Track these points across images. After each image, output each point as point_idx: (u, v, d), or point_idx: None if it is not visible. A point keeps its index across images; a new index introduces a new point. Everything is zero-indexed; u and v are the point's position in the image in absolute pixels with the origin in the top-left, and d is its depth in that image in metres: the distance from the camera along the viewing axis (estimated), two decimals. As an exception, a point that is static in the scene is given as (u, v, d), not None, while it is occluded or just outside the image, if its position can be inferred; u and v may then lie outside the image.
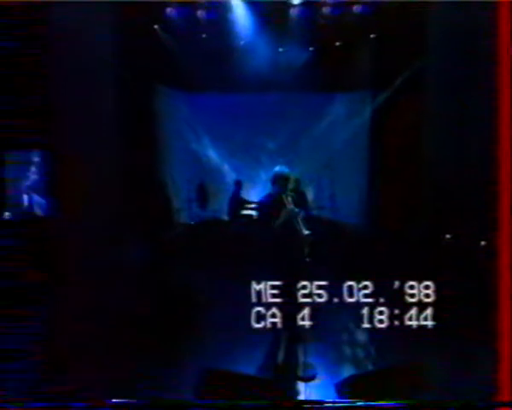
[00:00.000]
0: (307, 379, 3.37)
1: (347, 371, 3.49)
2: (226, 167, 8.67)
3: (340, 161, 7.81)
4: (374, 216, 7.33)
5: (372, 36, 7.88)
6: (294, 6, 6.95)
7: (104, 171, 4.92)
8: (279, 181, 3.60)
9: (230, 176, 8.53)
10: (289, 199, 3.55)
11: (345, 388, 2.81)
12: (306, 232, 3.38)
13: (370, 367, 3.66)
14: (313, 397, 3.14)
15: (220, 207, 7.77)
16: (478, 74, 5.07)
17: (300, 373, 3.39)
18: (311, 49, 8.25)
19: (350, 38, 7.92)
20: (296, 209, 3.50)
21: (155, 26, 7.45)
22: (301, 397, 3.17)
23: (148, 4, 6.60)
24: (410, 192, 6.07)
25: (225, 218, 7.39)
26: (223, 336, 4.10)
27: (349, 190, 7.59)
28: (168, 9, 6.85)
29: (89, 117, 4.54)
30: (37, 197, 3.59)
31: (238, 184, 7.49)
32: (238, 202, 7.20)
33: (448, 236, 4.33)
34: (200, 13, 6.97)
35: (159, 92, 7.98)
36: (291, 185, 3.68)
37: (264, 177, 8.84)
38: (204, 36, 7.68)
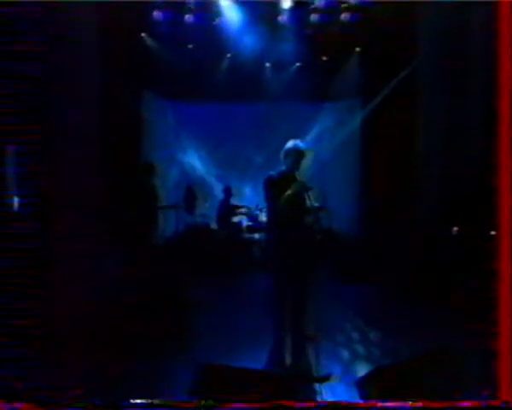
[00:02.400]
0: (321, 380, 3.01)
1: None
2: (212, 177, 8.51)
3: (329, 169, 7.74)
4: (364, 224, 7.24)
5: (357, 49, 8.03)
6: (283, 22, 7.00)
7: (89, 173, 4.75)
8: (292, 155, 3.21)
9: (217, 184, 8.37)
10: (302, 176, 3.18)
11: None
12: (316, 205, 3.12)
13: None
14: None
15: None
16: (474, 80, 5.19)
17: (314, 373, 3.05)
18: (298, 64, 8.38)
19: (335, 53, 8.08)
20: (308, 184, 3.12)
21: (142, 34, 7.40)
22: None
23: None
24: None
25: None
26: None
27: (339, 198, 7.49)
28: (157, 20, 6.78)
29: (74, 120, 4.41)
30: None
31: (227, 191, 7.29)
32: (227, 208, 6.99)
33: (455, 228, 4.23)
34: (187, 24, 6.93)
35: (148, 100, 7.84)
36: (304, 162, 3.23)
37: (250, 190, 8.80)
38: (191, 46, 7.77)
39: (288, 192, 3.10)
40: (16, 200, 3.34)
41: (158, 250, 5.38)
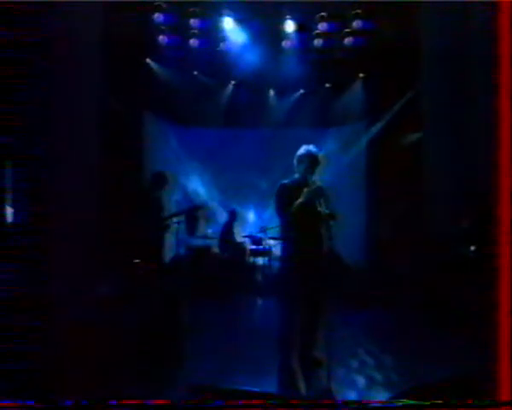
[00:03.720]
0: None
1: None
2: (215, 202, 8.39)
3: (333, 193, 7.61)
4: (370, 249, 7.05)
5: (361, 75, 8.07)
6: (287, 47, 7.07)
7: (88, 195, 4.65)
8: (304, 162, 3.03)
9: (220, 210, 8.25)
10: (315, 181, 2.99)
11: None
12: (327, 212, 2.94)
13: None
14: None
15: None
16: (479, 101, 5.15)
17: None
18: (302, 88, 8.43)
19: (338, 80, 8.13)
20: (318, 190, 2.95)
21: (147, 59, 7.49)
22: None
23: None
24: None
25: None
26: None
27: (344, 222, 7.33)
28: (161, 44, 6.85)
29: (75, 143, 4.38)
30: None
31: (232, 214, 7.19)
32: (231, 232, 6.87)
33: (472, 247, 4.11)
34: (192, 49, 7.00)
35: (152, 124, 7.85)
36: (319, 167, 3.03)
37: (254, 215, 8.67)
38: (195, 71, 7.88)
39: (300, 200, 2.94)
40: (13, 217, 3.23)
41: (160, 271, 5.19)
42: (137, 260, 5.03)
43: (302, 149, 3.11)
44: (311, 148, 3.10)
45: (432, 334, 4.27)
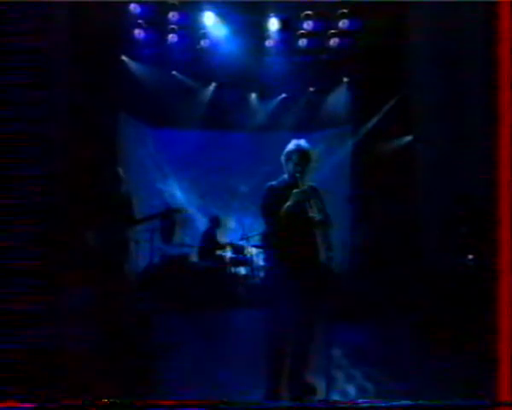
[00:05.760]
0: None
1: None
2: (194, 208, 7.97)
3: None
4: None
5: (345, 79, 7.84)
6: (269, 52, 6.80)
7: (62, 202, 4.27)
8: (293, 159, 2.70)
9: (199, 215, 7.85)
10: (304, 180, 2.67)
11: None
12: (318, 217, 2.59)
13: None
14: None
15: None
16: (469, 106, 5.01)
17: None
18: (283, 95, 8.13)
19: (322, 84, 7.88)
20: (309, 191, 2.63)
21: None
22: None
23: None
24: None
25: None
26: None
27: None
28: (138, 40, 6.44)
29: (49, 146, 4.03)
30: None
31: (215, 221, 6.81)
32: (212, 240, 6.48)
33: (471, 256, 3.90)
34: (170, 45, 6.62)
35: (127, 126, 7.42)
36: (310, 165, 2.72)
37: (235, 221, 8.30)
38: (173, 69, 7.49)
39: (288, 203, 2.59)
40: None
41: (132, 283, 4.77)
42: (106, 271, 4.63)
43: (291, 145, 2.76)
44: (302, 142, 2.75)
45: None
